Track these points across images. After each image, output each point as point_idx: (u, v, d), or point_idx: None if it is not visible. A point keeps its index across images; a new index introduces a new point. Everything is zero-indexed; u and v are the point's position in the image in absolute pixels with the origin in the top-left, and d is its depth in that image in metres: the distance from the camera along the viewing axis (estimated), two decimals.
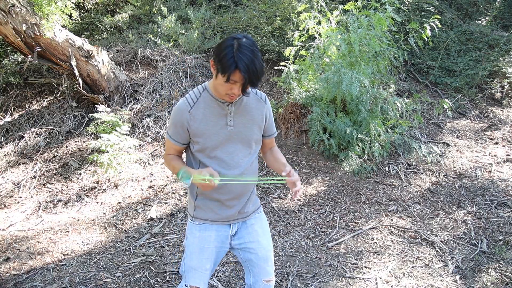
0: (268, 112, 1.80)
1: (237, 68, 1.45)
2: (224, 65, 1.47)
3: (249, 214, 1.83)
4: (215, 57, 1.53)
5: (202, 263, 1.76)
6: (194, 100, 1.67)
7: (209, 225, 1.77)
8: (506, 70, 5.82)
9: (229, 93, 1.56)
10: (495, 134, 5.10)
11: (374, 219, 3.53)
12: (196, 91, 1.70)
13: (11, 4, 4.22)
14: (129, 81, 5.63)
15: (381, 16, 4.04)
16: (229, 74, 1.47)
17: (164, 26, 6.25)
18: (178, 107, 1.68)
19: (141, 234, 3.46)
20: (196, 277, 1.76)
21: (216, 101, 1.66)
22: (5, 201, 4.18)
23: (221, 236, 1.78)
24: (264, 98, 1.79)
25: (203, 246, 1.76)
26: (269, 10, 6.24)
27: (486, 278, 2.76)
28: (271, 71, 5.87)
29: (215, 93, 1.65)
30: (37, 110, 5.48)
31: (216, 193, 1.71)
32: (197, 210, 1.78)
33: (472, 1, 7.14)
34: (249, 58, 1.46)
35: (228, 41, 1.50)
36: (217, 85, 1.57)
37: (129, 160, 4.30)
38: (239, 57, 1.45)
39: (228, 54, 1.46)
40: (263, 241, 1.84)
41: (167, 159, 1.78)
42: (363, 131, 4.34)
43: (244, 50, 1.46)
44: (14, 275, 2.94)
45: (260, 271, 1.85)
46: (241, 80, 1.49)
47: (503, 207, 3.67)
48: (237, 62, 1.45)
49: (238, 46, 1.47)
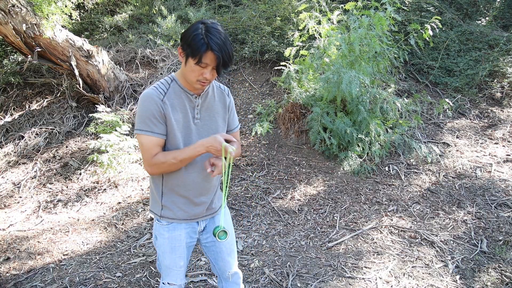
0: (231, 105, 1.78)
1: (209, 48, 1.42)
2: (194, 47, 1.42)
3: (217, 209, 1.83)
4: (183, 43, 1.48)
5: (175, 261, 1.76)
6: (164, 90, 1.57)
7: (177, 224, 1.72)
8: (506, 70, 5.82)
9: (200, 78, 1.51)
10: (495, 134, 5.10)
11: (374, 219, 3.53)
12: (164, 81, 1.61)
13: (11, 4, 4.22)
14: (129, 81, 5.62)
15: (381, 16, 4.04)
16: (201, 56, 1.43)
17: (164, 26, 6.25)
18: (148, 95, 1.54)
19: (141, 234, 3.46)
20: (172, 275, 1.79)
21: (185, 92, 1.60)
22: (5, 201, 4.18)
23: (190, 232, 1.77)
24: (227, 91, 1.78)
25: (174, 245, 1.74)
26: (269, 10, 6.24)
27: (486, 278, 2.76)
28: (271, 71, 5.87)
29: (184, 84, 1.59)
30: (37, 110, 5.48)
31: (184, 190, 1.67)
32: (164, 210, 1.71)
33: (472, 1, 7.14)
34: (219, 38, 1.43)
35: (195, 25, 1.46)
36: (187, 72, 1.51)
37: (129, 160, 4.30)
38: (209, 37, 1.42)
39: (197, 36, 1.42)
40: (227, 242, 1.84)
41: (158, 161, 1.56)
42: (363, 131, 4.34)
43: (213, 31, 1.44)
44: (14, 275, 2.94)
45: (224, 264, 1.88)
46: (213, 61, 1.45)
47: (503, 207, 3.67)
48: (208, 42, 1.42)
49: (206, 28, 1.44)
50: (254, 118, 5.19)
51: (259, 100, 5.49)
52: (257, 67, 6.02)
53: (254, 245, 3.21)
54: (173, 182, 1.66)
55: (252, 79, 5.87)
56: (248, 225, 3.51)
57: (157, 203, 1.73)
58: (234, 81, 5.90)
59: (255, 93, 5.64)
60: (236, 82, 5.88)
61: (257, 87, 5.75)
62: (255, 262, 2.94)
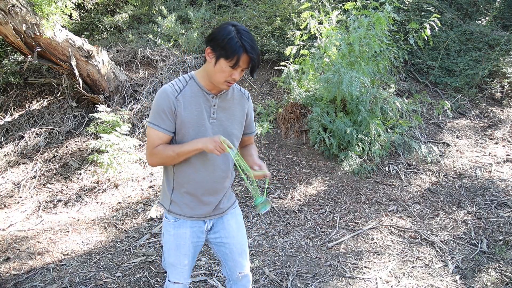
0: (250, 109, 1.80)
1: (245, 51, 1.46)
2: (230, 49, 1.45)
3: (225, 210, 1.82)
4: (214, 44, 1.50)
5: (179, 259, 1.76)
6: (180, 87, 1.60)
7: (183, 222, 1.73)
8: (506, 70, 5.82)
9: (229, 79, 1.54)
10: (495, 134, 5.10)
11: (374, 219, 3.53)
12: (182, 79, 1.64)
13: (11, 4, 4.22)
14: (129, 81, 5.62)
15: (380, 16, 4.04)
16: (238, 58, 1.46)
17: (164, 26, 6.25)
18: (164, 91, 1.57)
19: (141, 234, 3.46)
20: (176, 273, 1.79)
21: (202, 91, 1.62)
22: (5, 201, 4.18)
23: (197, 232, 1.77)
24: (247, 95, 1.78)
25: (179, 243, 1.75)
26: (269, 10, 6.24)
27: (486, 278, 2.76)
28: (271, 71, 5.87)
29: (204, 83, 1.62)
30: (37, 110, 5.49)
31: (192, 188, 1.68)
32: (173, 205, 1.73)
33: (472, 1, 7.14)
34: (252, 40, 1.48)
35: (227, 27, 1.49)
36: (217, 72, 1.53)
37: (129, 160, 4.30)
38: (244, 40, 1.46)
39: (233, 38, 1.45)
40: (238, 236, 1.85)
41: (157, 151, 1.58)
42: (363, 131, 4.34)
43: (245, 34, 1.48)
44: (14, 275, 2.94)
45: (235, 264, 1.86)
46: (246, 63, 1.50)
47: (503, 207, 3.67)
48: (244, 45, 1.46)
49: (238, 31, 1.47)
50: (254, 118, 5.19)
51: (259, 100, 5.49)
52: None
53: (254, 245, 3.21)
54: (183, 179, 1.68)
55: (252, 79, 5.87)
56: (248, 225, 3.51)
57: (167, 197, 1.75)
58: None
59: (255, 93, 5.64)
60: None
61: (257, 87, 5.75)
62: (255, 262, 2.95)
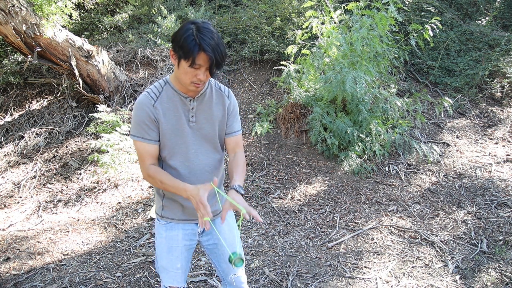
0: (231, 106, 1.71)
1: (201, 50, 1.40)
2: (186, 49, 1.40)
3: (217, 213, 1.80)
4: (175, 45, 1.45)
5: (172, 262, 1.74)
6: (156, 94, 1.57)
7: (175, 224, 1.73)
8: (506, 70, 5.82)
9: (194, 80, 1.48)
10: (495, 134, 5.10)
11: (374, 219, 3.53)
12: (157, 85, 1.61)
13: (11, 4, 4.22)
14: (129, 81, 5.62)
15: (383, 16, 4.04)
16: (194, 57, 1.40)
17: (164, 26, 6.25)
18: (140, 102, 1.56)
19: (141, 234, 3.46)
20: (168, 277, 1.76)
21: (178, 95, 1.59)
22: (5, 201, 4.18)
23: (189, 234, 1.76)
24: (227, 93, 1.71)
25: (171, 245, 1.73)
26: (269, 10, 6.24)
27: (486, 278, 2.76)
28: (271, 71, 5.87)
29: (178, 86, 1.58)
30: (37, 110, 5.48)
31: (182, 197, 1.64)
32: (165, 210, 1.73)
33: (472, 1, 7.14)
34: (211, 38, 1.41)
35: (186, 26, 1.44)
36: (181, 74, 1.49)
37: (129, 160, 4.30)
38: (201, 38, 1.39)
39: (189, 37, 1.40)
40: (230, 238, 1.82)
41: (151, 172, 1.58)
42: (363, 131, 4.34)
43: (205, 31, 1.41)
44: (14, 275, 2.94)
45: (228, 266, 1.85)
46: (206, 62, 1.43)
47: (503, 207, 3.67)
48: (200, 43, 1.39)
49: (197, 28, 1.41)
50: (254, 118, 5.19)
51: (259, 100, 5.49)
52: (257, 67, 6.02)
53: (254, 245, 3.21)
54: None
55: (252, 79, 5.87)
56: (248, 225, 3.51)
57: (159, 202, 1.76)
58: (234, 81, 5.90)
59: (255, 93, 5.64)
60: (236, 82, 5.88)
61: (257, 87, 5.75)
62: (255, 262, 2.95)
